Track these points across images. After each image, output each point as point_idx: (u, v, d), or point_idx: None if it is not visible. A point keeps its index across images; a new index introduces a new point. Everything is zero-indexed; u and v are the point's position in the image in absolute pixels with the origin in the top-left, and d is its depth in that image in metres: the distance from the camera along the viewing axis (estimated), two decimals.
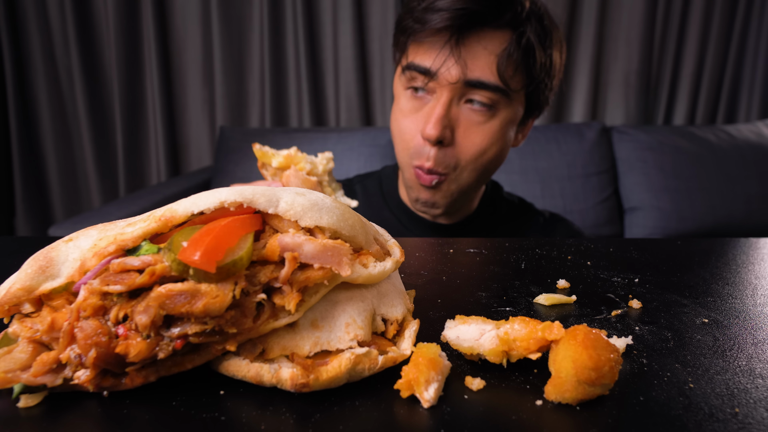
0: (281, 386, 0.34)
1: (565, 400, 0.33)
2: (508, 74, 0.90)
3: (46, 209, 2.66)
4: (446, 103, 0.91)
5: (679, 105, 2.59)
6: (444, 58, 0.89)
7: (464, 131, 0.93)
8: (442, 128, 0.90)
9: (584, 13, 2.44)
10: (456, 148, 0.94)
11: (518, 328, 0.37)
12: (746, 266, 0.63)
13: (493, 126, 0.93)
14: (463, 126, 0.93)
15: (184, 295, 0.31)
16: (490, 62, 0.89)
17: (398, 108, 0.99)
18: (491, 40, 0.89)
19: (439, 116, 0.90)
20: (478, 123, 0.93)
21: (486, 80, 0.89)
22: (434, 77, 0.91)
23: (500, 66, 0.89)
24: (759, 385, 0.36)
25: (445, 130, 0.91)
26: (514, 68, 0.91)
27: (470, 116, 0.93)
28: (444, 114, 0.90)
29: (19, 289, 0.34)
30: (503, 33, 0.90)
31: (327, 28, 2.44)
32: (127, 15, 2.42)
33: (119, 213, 1.75)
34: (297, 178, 0.71)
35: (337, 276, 0.37)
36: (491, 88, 0.90)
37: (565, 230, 1.16)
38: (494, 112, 0.93)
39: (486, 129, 0.93)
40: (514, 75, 0.91)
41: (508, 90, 0.91)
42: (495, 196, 1.17)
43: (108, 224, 0.39)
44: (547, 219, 1.18)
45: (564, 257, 0.66)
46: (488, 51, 0.89)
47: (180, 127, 2.62)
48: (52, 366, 0.33)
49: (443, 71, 0.90)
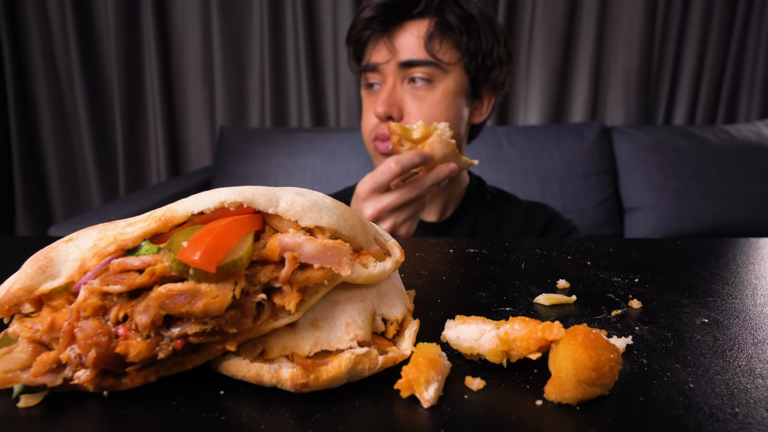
0: (281, 386, 0.34)
1: (565, 400, 0.33)
2: (435, 49, 1.04)
3: (46, 209, 2.66)
4: (390, 86, 1.06)
5: (679, 105, 2.58)
6: (380, 50, 1.07)
7: (410, 105, 1.06)
8: (389, 106, 1.04)
9: (584, 13, 2.44)
10: (407, 119, 1.06)
11: (518, 328, 0.37)
12: (746, 266, 0.63)
13: (435, 95, 1.06)
14: (408, 101, 1.06)
15: (184, 295, 0.31)
16: (418, 44, 1.04)
17: (364, 110, 1.15)
18: (415, 27, 1.05)
19: (385, 96, 1.05)
20: (422, 96, 1.06)
21: (415, 58, 1.04)
22: (377, 69, 1.08)
23: (426, 44, 1.04)
24: (759, 385, 0.36)
25: (392, 108, 1.05)
26: (439, 43, 1.05)
27: (413, 92, 1.07)
28: (389, 95, 1.05)
29: (19, 289, 0.34)
30: (425, 20, 1.05)
31: (327, 28, 2.44)
32: (127, 15, 2.42)
33: (119, 213, 1.75)
34: (441, 143, 0.80)
35: (337, 276, 0.37)
36: (422, 63, 1.04)
37: (546, 213, 1.25)
38: (434, 84, 1.06)
39: (429, 98, 1.06)
40: (441, 49, 1.05)
41: (438, 62, 1.04)
42: (478, 188, 1.26)
43: (108, 224, 0.39)
44: (528, 206, 1.27)
45: (564, 257, 0.66)
46: (414, 36, 1.05)
47: (180, 127, 2.62)
48: (52, 366, 0.33)
49: (381, 60, 1.06)
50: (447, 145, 0.81)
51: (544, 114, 2.53)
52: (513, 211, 1.23)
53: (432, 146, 0.80)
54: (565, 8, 2.41)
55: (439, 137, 0.80)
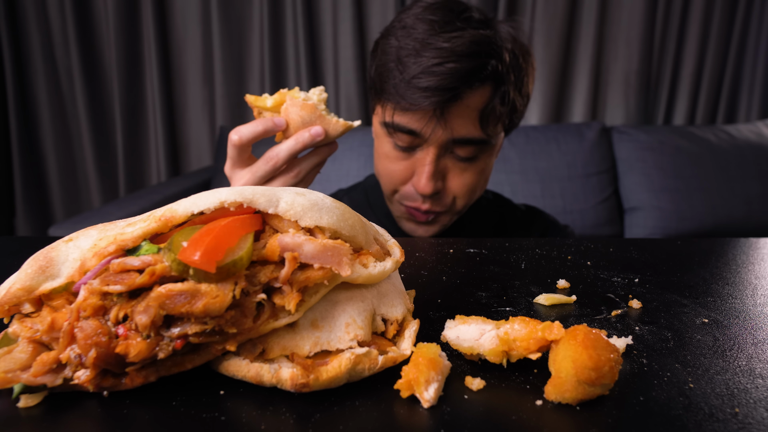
0: (281, 386, 0.34)
1: (565, 400, 0.33)
2: (490, 126, 0.92)
3: (46, 209, 2.66)
4: (434, 159, 0.92)
5: (679, 105, 2.58)
6: (428, 122, 0.88)
7: (454, 177, 0.96)
8: (435, 183, 0.93)
9: (584, 13, 2.44)
10: (447, 193, 0.97)
11: (518, 328, 0.37)
12: (746, 266, 0.63)
13: (479, 166, 0.97)
14: (452, 172, 0.95)
15: (184, 295, 0.31)
16: (473, 119, 0.90)
17: (383, 152, 0.98)
18: (473, 97, 0.88)
19: (430, 173, 0.92)
20: (465, 168, 0.96)
21: (471, 136, 0.91)
22: (420, 136, 0.90)
23: (483, 121, 0.90)
24: (759, 385, 0.36)
25: (437, 182, 0.93)
26: (496, 120, 0.93)
27: (457, 164, 0.95)
28: (434, 170, 0.92)
29: (19, 289, 0.34)
30: (484, 88, 0.89)
31: (327, 28, 2.44)
32: (127, 15, 2.42)
33: (119, 213, 1.75)
34: (295, 106, 0.70)
35: (337, 276, 0.37)
36: (476, 142, 0.92)
37: (542, 221, 1.21)
38: (478, 156, 0.96)
39: (473, 169, 0.96)
40: (496, 126, 0.94)
41: (490, 140, 0.93)
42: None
43: (108, 224, 0.39)
44: (524, 212, 1.22)
45: (564, 257, 0.66)
46: (471, 108, 0.89)
47: (180, 127, 2.61)
48: (52, 366, 0.33)
49: (429, 133, 0.89)
50: (305, 108, 0.70)
51: (544, 114, 2.53)
52: (509, 217, 1.21)
53: (286, 111, 0.71)
54: (565, 8, 2.41)
55: (292, 100, 0.70)
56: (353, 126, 0.73)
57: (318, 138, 0.71)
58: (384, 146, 0.97)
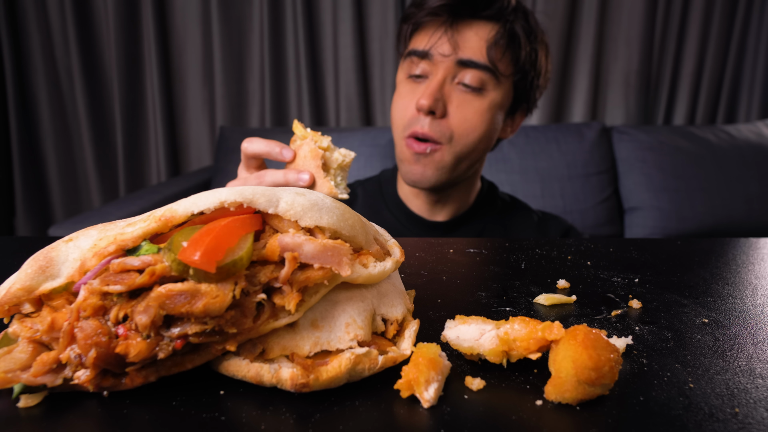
0: (281, 386, 0.34)
1: (565, 400, 0.33)
2: (497, 57, 1.01)
3: (46, 209, 2.66)
4: (440, 79, 1.00)
5: (679, 105, 2.58)
6: (438, 38, 1.01)
7: (456, 107, 1.01)
8: (435, 100, 0.99)
9: (584, 13, 2.44)
10: (448, 120, 1.02)
11: (518, 328, 0.37)
12: (746, 266, 0.63)
13: (482, 104, 1.02)
14: (455, 102, 1.02)
15: (184, 295, 0.31)
16: (480, 46, 1.00)
17: (398, 94, 1.09)
18: (481, 28, 1.01)
19: (432, 89, 0.99)
20: (469, 101, 1.02)
21: (476, 59, 1.00)
22: (430, 57, 1.02)
23: (489, 49, 1.00)
24: (759, 385, 0.36)
25: (438, 102, 0.99)
26: (501, 53, 1.01)
27: (461, 95, 1.02)
28: (437, 88, 1.00)
29: (19, 289, 0.34)
30: (492, 24, 1.01)
31: (327, 28, 2.44)
32: (127, 15, 2.42)
33: (119, 213, 1.75)
34: (307, 146, 0.75)
35: (337, 276, 0.37)
36: (481, 67, 1.00)
37: (558, 225, 1.22)
38: (484, 93, 1.02)
39: (476, 106, 1.02)
40: (501, 59, 1.02)
41: (496, 71, 1.01)
42: (490, 194, 1.24)
43: (108, 224, 0.39)
44: (540, 217, 1.24)
45: (564, 257, 0.66)
46: (478, 36, 1.00)
47: (180, 127, 2.61)
48: (52, 366, 0.33)
49: (437, 48, 1.00)
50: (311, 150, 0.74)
51: (544, 114, 2.53)
52: (524, 221, 1.21)
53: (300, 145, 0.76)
54: (565, 8, 2.41)
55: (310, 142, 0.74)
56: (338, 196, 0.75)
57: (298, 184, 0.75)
58: (400, 89, 1.08)
